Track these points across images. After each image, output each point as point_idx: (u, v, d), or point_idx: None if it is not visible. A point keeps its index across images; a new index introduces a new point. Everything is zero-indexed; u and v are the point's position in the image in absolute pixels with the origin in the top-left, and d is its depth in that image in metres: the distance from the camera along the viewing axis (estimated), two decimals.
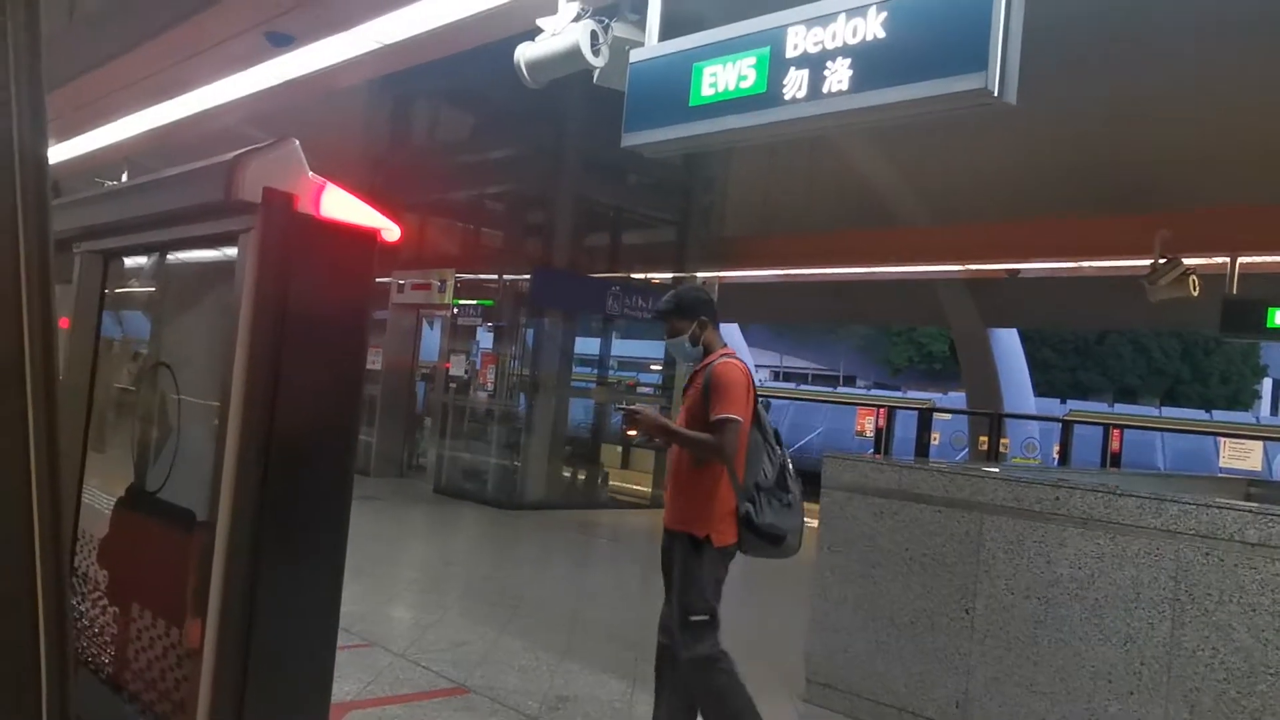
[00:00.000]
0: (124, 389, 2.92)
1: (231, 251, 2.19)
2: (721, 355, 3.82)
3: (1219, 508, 3.84)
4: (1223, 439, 14.84)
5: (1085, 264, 11.81)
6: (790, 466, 3.83)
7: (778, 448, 3.80)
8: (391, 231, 2.17)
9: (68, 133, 10.62)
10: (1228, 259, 10.00)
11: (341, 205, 2.10)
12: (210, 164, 2.19)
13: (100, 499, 2.76)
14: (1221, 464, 14.27)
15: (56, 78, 9.03)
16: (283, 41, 6.92)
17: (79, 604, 2.77)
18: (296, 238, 2.07)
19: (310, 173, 2.09)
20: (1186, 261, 9.60)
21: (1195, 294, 9.66)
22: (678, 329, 3.90)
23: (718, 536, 3.65)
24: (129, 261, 2.94)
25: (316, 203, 2.07)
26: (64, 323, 2.87)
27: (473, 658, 5.26)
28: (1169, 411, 28.98)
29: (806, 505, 3.88)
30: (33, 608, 0.98)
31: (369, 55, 6.84)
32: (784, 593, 7.53)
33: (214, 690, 2.07)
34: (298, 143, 2.10)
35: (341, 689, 4.37)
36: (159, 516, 2.45)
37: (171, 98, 8.70)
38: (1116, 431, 14.00)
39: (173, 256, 2.75)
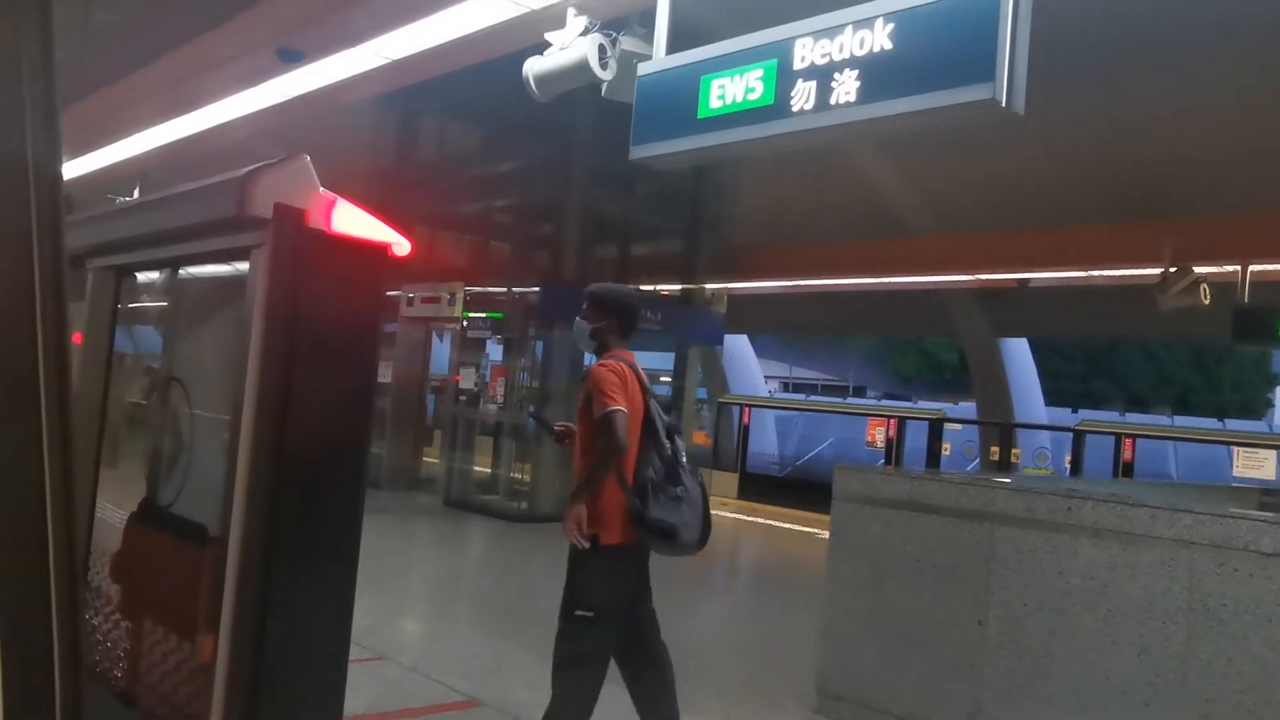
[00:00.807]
0: (137, 404, 2.94)
1: (243, 266, 2.21)
2: (606, 357, 3.84)
3: (1233, 518, 3.82)
4: (1236, 448, 14.77)
5: (1095, 273, 11.79)
6: (684, 460, 3.83)
7: (669, 442, 3.81)
8: (402, 246, 2.18)
9: (81, 149, 10.70)
10: (1239, 267, 9.98)
11: (352, 220, 2.11)
12: (222, 180, 2.20)
13: (114, 514, 2.77)
14: (1235, 473, 14.19)
15: (70, 94, 9.11)
16: (293, 57, 6.97)
17: (92, 618, 2.77)
18: (307, 253, 2.08)
19: (321, 188, 2.10)
20: (1197, 270, 9.58)
21: (1206, 302, 9.64)
22: (589, 315, 3.95)
23: (605, 535, 3.69)
24: (141, 277, 2.96)
25: (327, 218, 2.08)
26: (77, 338, 2.89)
27: (483, 670, 5.25)
28: (1181, 420, 28.83)
29: (817, 516, 3.90)
30: (46, 622, 0.99)
31: (378, 71, 6.89)
32: (794, 604, 7.50)
33: (226, 704, 2.08)
34: (308, 158, 2.11)
35: (352, 702, 4.35)
36: (171, 531, 2.45)
37: (183, 113, 8.77)
38: (1128, 441, 13.94)
39: (185, 272, 2.77)
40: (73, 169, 11.36)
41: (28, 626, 0.98)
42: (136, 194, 11.75)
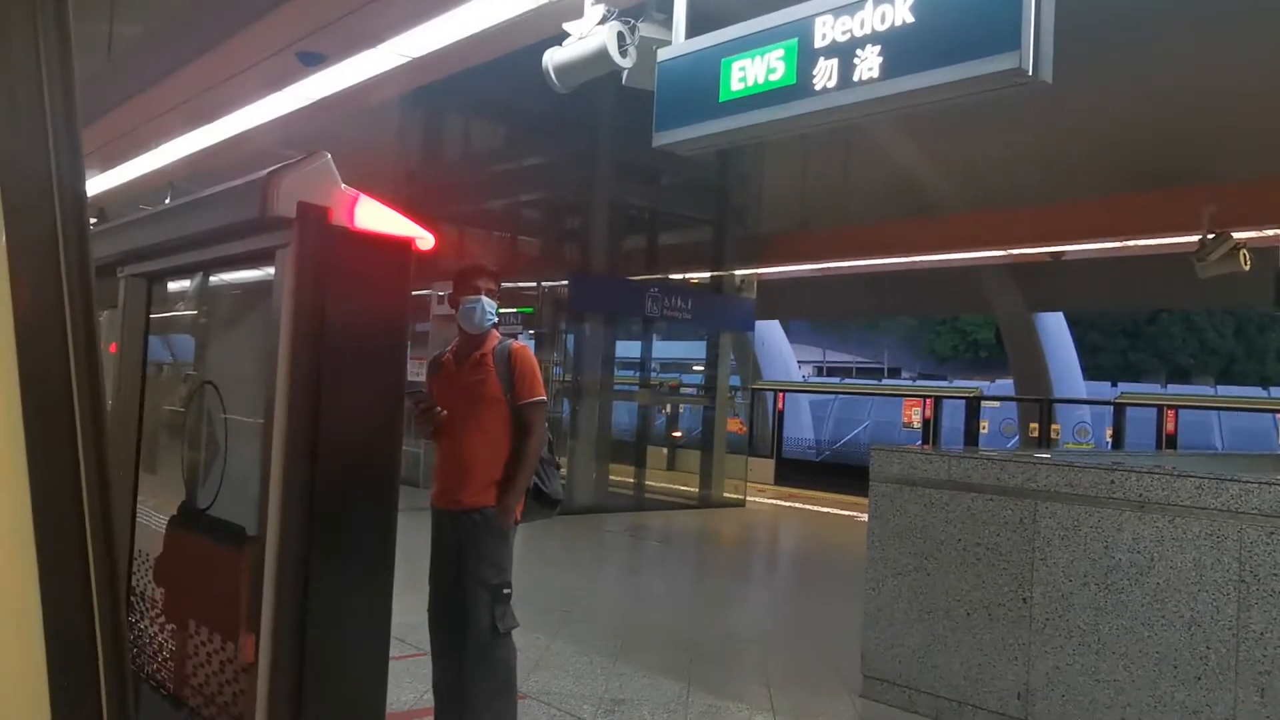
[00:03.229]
0: (173, 409, 2.97)
1: (270, 267, 2.22)
2: (507, 337, 3.97)
3: None
4: None
5: (1131, 243, 11.58)
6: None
7: None
8: (426, 240, 2.18)
9: (111, 161, 10.83)
10: None
11: (375, 216, 2.12)
12: (245, 181, 2.21)
13: (155, 518, 2.80)
14: None
15: (100, 107, 9.23)
16: (314, 60, 7.00)
17: (138, 621, 2.81)
18: (332, 250, 2.09)
19: (343, 185, 2.10)
20: (1236, 235, 9.39)
21: (1246, 268, 9.45)
22: (492, 293, 3.93)
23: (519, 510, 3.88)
24: (172, 283, 2.99)
25: (350, 214, 2.09)
26: (112, 348, 2.92)
27: (526, 663, 5.26)
28: (1224, 390, 28.33)
29: (856, 499, 3.95)
30: (90, 629, 0.99)
31: (399, 69, 6.90)
32: (837, 588, 7.46)
33: (270, 703, 2.09)
34: (329, 156, 2.11)
35: (399, 698, 4.40)
36: (210, 533, 2.48)
37: (209, 122, 8.84)
38: (1170, 412, 13.72)
39: (214, 276, 2.79)
40: (105, 181, 11.50)
41: (73, 634, 0.99)
42: (168, 203, 11.88)
